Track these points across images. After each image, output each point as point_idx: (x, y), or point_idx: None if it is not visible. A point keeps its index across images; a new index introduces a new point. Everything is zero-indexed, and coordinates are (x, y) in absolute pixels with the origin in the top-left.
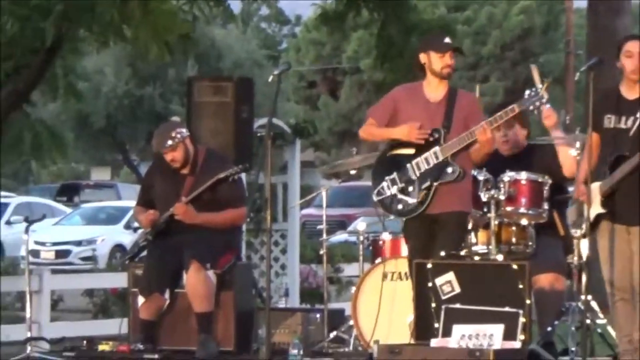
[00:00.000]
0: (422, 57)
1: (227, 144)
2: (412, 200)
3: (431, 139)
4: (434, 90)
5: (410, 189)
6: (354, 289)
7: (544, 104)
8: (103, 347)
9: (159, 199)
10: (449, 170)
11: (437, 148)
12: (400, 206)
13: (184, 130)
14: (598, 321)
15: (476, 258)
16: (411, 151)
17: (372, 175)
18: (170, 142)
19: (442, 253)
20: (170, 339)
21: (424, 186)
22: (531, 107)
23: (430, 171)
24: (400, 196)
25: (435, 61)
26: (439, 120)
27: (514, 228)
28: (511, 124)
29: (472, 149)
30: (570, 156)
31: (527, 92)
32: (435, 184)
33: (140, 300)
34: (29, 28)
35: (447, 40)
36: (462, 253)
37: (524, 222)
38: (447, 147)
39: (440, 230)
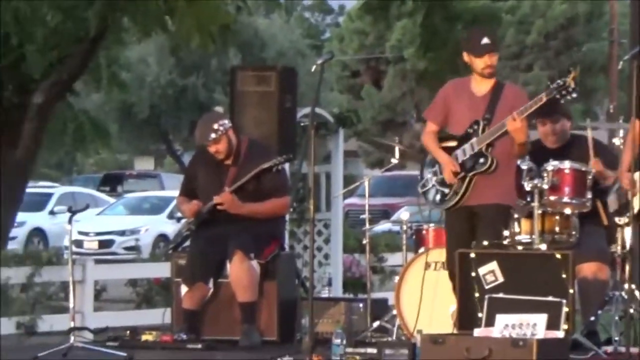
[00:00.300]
0: (465, 56)
1: (270, 133)
2: (447, 190)
3: (471, 130)
4: (479, 84)
5: None
6: (397, 278)
7: (570, 94)
8: (146, 337)
9: (202, 189)
10: (481, 160)
11: (474, 139)
12: (438, 197)
13: (226, 121)
14: None
15: (519, 247)
16: (454, 144)
17: (420, 167)
18: (213, 135)
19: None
20: (214, 328)
21: (458, 177)
22: (558, 96)
23: (465, 162)
24: (439, 187)
25: (476, 63)
26: (481, 113)
27: (557, 217)
28: (557, 118)
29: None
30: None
31: (557, 82)
32: (469, 174)
33: (184, 289)
34: (72, 18)
35: (486, 40)
36: (506, 242)
37: (568, 211)
38: (482, 138)
39: (479, 223)
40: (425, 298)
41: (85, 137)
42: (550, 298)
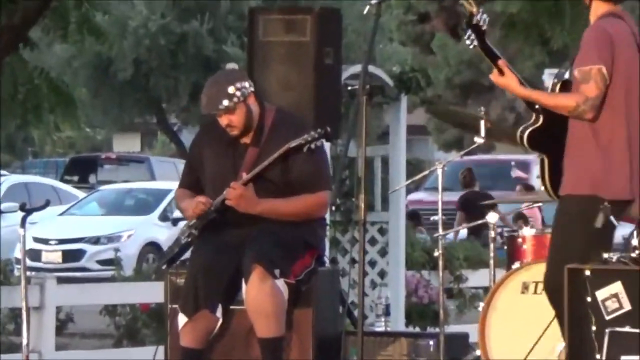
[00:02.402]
0: None
1: (303, 101)
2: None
3: None
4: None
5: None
6: (481, 305)
7: None
8: None
9: (209, 179)
10: None
11: None
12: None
13: (246, 83)
14: None
15: None
16: None
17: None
18: (226, 103)
19: (606, 255)
20: None
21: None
22: None
23: None
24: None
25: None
26: None
27: None
28: None
29: None
30: None
31: None
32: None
33: (182, 320)
34: None
35: None
36: (635, 255)
37: None
38: None
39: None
40: (522, 332)
41: (41, 105)
42: None
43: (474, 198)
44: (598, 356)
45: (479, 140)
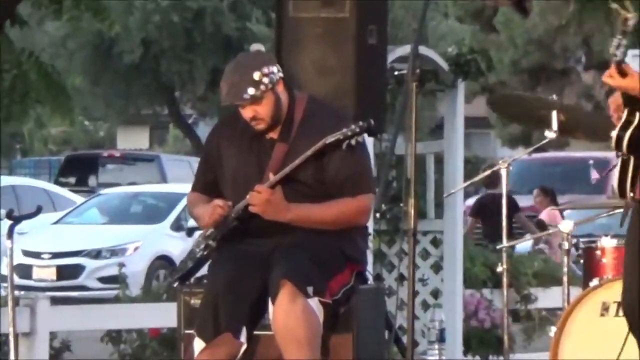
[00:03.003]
0: None
1: (342, 88)
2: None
3: None
4: None
5: None
6: (554, 330)
7: None
8: None
9: (229, 181)
10: None
11: None
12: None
13: (274, 68)
14: None
15: None
16: None
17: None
18: (252, 91)
19: None
20: None
21: None
22: None
23: None
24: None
25: None
26: None
27: None
28: None
29: None
30: None
31: None
32: None
33: (199, 346)
34: None
35: None
36: None
37: None
38: None
39: None
40: None
41: (28, 94)
42: None
43: (491, 202)
44: None
45: (550, 134)
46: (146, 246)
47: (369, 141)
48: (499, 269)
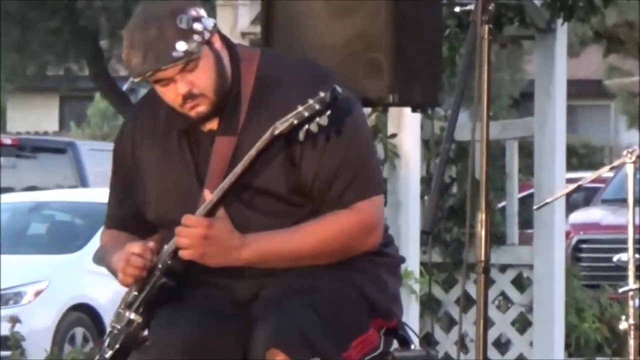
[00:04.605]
0: None
1: (369, 38)
2: None
3: None
4: None
5: None
6: None
7: None
8: None
9: (153, 204)
10: None
11: None
12: None
13: (202, 11)
14: None
15: None
16: None
17: None
18: (182, 45)
19: None
20: None
21: None
22: None
23: None
24: None
25: None
26: None
27: None
28: None
29: None
30: None
31: None
32: None
33: None
34: None
35: None
36: None
37: None
38: None
39: None
40: None
41: None
42: None
43: None
44: None
45: None
46: (55, 289)
47: (413, 120)
48: (623, 325)
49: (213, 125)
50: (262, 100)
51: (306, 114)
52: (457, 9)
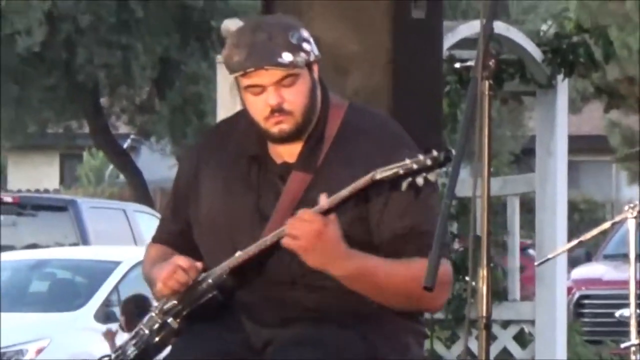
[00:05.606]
0: None
1: (372, 85)
2: None
3: None
4: None
5: None
6: None
7: None
8: None
9: (206, 228)
10: None
11: None
12: None
13: (311, 38)
14: None
15: None
16: None
17: None
18: (288, 56)
19: None
20: None
21: None
22: None
23: None
24: None
25: None
26: None
27: None
28: None
29: None
30: None
31: None
32: None
33: None
34: None
35: None
36: None
37: None
38: None
39: None
40: None
41: None
42: None
43: None
44: None
45: None
46: (56, 347)
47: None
48: None
49: (285, 157)
50: (343, 146)
51: (415, 166)
52: (457, 65)
